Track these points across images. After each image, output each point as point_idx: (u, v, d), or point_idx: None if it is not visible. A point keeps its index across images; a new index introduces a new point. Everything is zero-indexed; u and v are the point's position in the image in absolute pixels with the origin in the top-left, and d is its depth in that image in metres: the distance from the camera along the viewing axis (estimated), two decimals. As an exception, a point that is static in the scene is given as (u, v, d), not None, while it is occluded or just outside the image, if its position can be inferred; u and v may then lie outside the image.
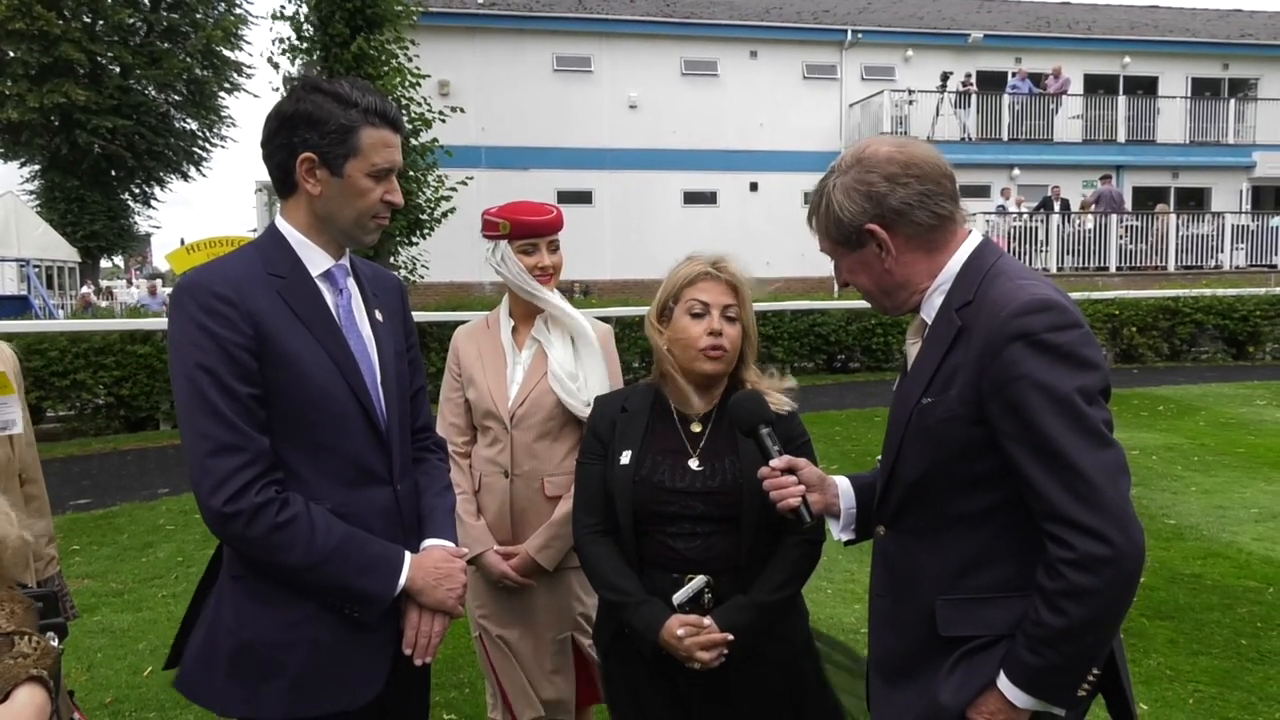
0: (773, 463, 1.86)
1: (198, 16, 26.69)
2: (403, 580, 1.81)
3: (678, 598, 2.04)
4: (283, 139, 1.77)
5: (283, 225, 1.84)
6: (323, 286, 1.83)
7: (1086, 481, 1.44)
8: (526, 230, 2.59)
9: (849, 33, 22.90)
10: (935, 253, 1.68)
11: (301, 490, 1.74)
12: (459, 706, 3.79)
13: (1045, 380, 1.47)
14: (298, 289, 1.78)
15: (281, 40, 12.78)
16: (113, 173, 26.30)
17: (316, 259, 1.83)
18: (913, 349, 1.75)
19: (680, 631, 1.99)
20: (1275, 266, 20.82)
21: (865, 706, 1.90)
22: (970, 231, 1.72)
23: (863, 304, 12.80)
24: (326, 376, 1.76)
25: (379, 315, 1.92)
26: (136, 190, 27.96)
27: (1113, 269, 20.01)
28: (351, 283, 1.90)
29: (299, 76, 2.29)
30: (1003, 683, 1.55)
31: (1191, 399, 10.75)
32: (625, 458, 2.13)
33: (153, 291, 23.09)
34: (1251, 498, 6.57)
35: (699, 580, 2.05)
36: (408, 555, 1.84)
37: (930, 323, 1.69)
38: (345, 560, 1.73)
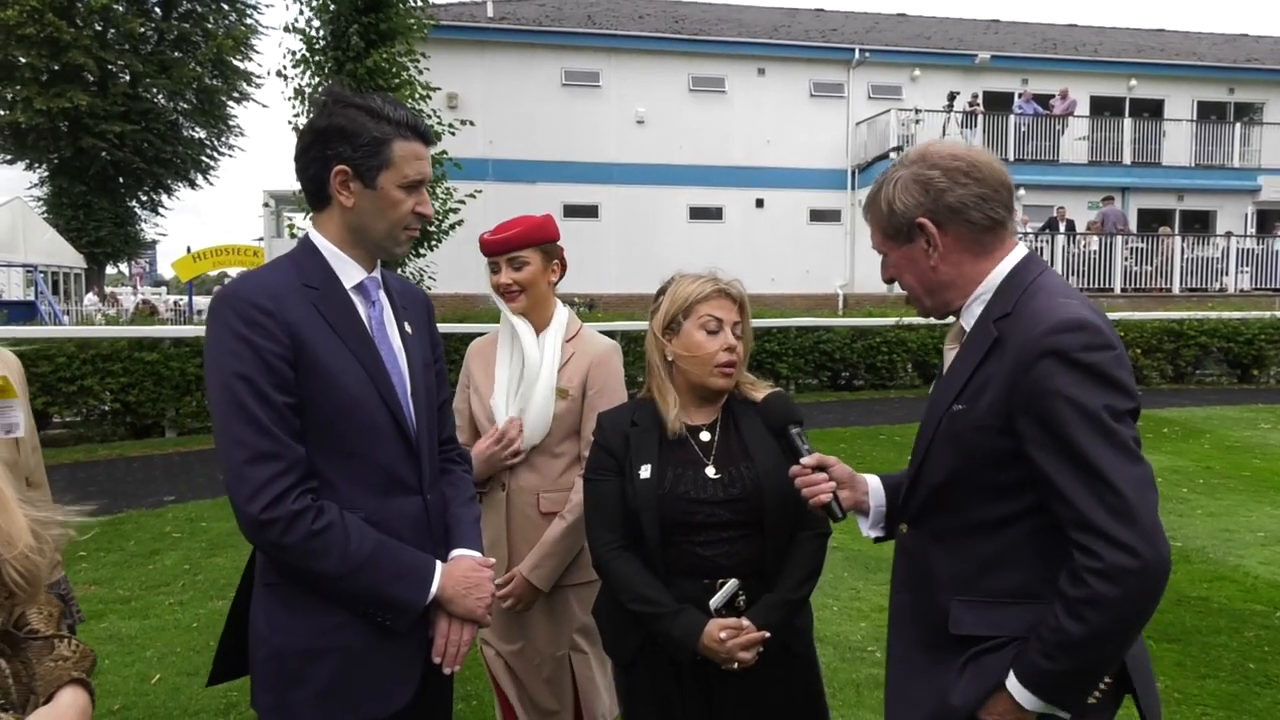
0: (803, 460, 1.89)
1: (209, 26, 26.88)
2: (434, 589, 1.83)
3: (714, 602, 2.07)
4: (316, 152, 1.80)
5: (316, 238, 1.87)
6: (355, 298, 1.86)
7: (1118, 494, 1.46)
8: (484, 249, 2.63)
9: (857, 52, 22.98)
10: (981, 258, 1.70)
11: (334, 499, 1.76)
12: (466, 718, 3.79)
13: (1075, 395, 1.49)
14: (332, 300, 1.81)
15: (292, 53, 12.85)
16: (120, 179, 26.42)
17: (350, 271, 1.86)
18: (950, 354, 1.78)
19: (723, 635, 2.03)
20: (1280, 290, 20.85)
21: None
22: (1017, 244, 1.73)
23: (868, 321, 12.86)
24: (359, 387, 1.79)
25: (408, 328, 1.95)
26: (144, 197, 28.09)
27: (1117, 290, 20.01)
28: (383, 295, 1.93)
29: (330, 91, 2.30)
30: (1012, 684, 1.57)
31: (1196, 422, 10.75)
32: (645, 471, 2.15)
33: None
34: (1258, 521, 6.57)
35: (732, 584, 2.09)
36: (438, 564, 1.86)
37: (969, 330, 1.71)
38: (378, 568, 1.75)
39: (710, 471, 2.15)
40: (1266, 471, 8.17)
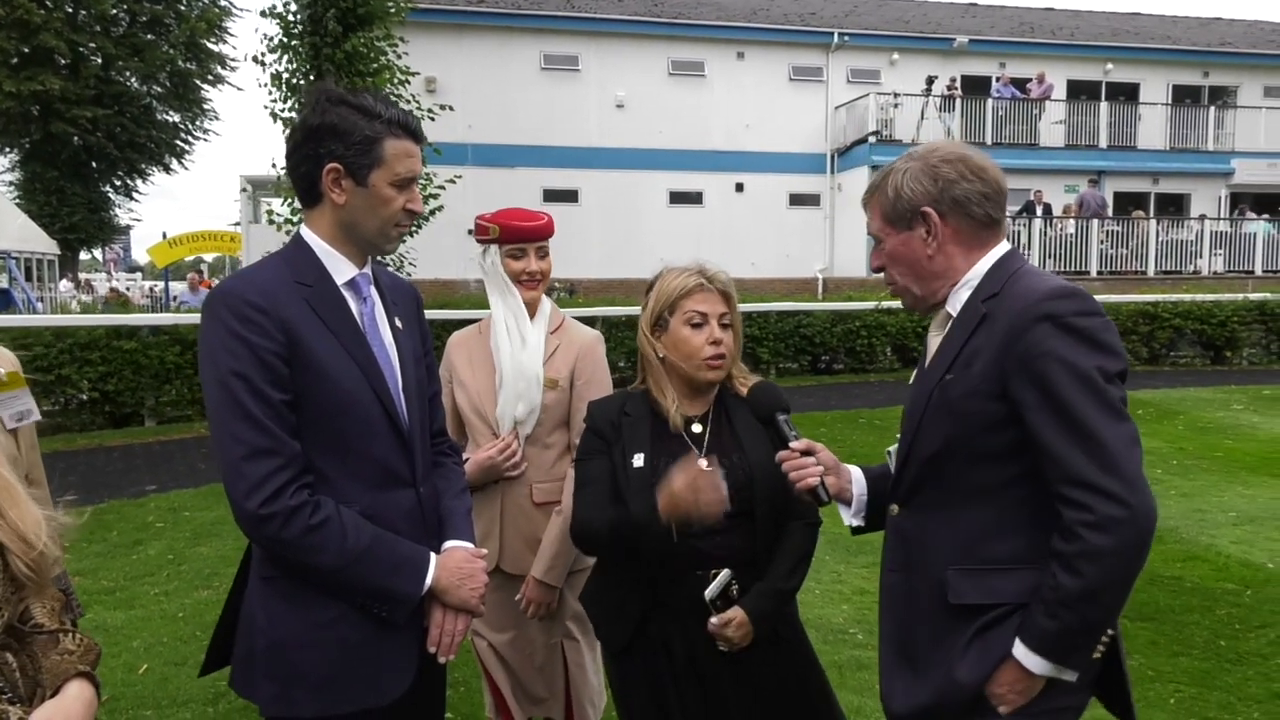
0: (793, 445, 1.96)
1: (181, 8, 26.47)
2: (429, 580, 1.86)
3: (709, 593, 2.11)
4: (308, 150, 1.81)
5: (308, 235, 1.88)
6: (347, 295, 1.88)
7: (1105, 449, 1.53)
8: (515, 235, 2.64)
9: (836, 35, 22.99)
10: (973, 250, 1.79)
11: (330, 493, 1.79)
12: (455, 705, 3.82)
13: (1068, 356, 1.57)
14: (324, 297, 1.83)
15: (269, 38, 12.72)
16: (93, 164, 26.06)
17: (341, 268, 1.88)
18: (934, 340, 1.85)
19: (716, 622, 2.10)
20: (1253, 272, 21.10)
21: None
22: (1002, 240, 1.83)
23: (848, 305, 12.89)
24: (353, 382, 1.81)
25: (398, 322, 1.97)
26: (118, 182, 27.72)
27: (1093, 273, 20.20)
28: (374, 291, 1.95)
29: (322, 89, 2.32)
30: (1019, 650, 1.62)
31: (1170, 403, 10.90)
32: (638, 460, 2.18)
33: (194, 287, 22.36)
34: (1230, 501, 6.69)
35: (725, 574, 2.13)
36: (433, 556, 1.90)
37: (955, 315, 1.79)
38: (375, 561, 1.78)
39: (703, 463, 2.17)
40: (1238, 452, 8.31)
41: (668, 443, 2.21)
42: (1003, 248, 1.80)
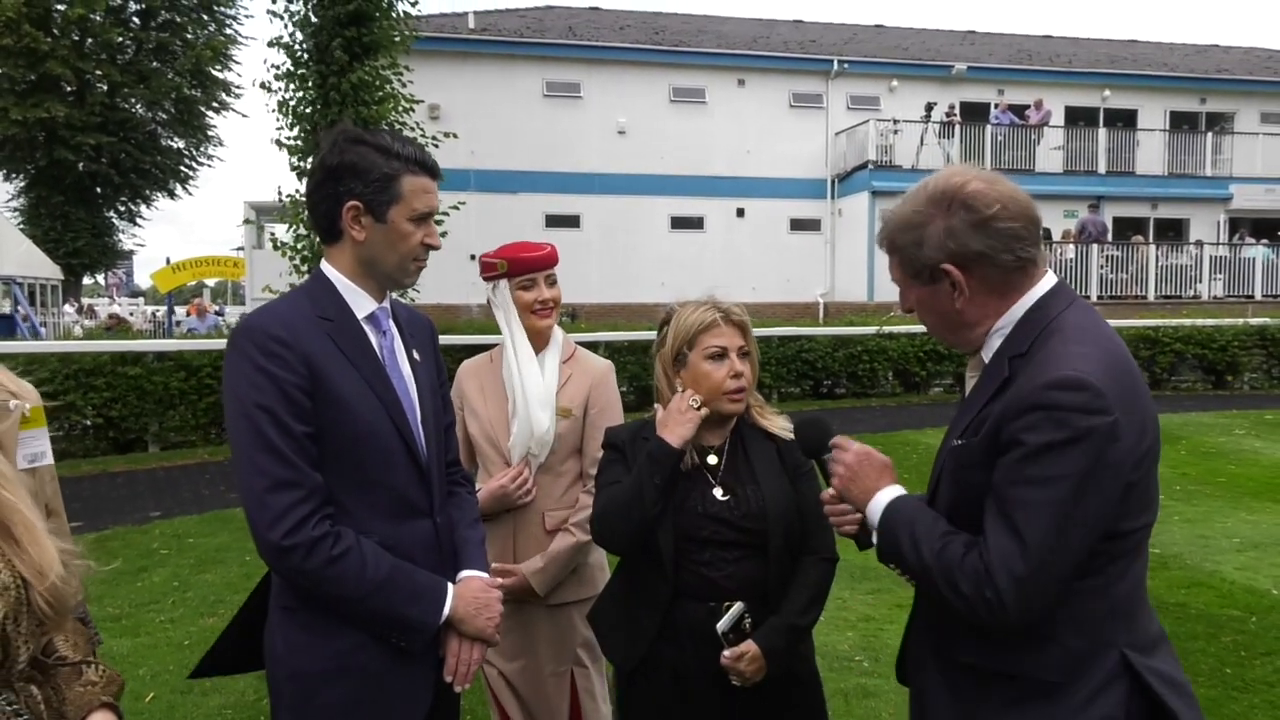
0: (827, 492, 1.90)
1: (188, 36, 26.75)
2: (447, 610, 1.88)
3: (721, 626, 2.12)
4: (329, 189, 1.86)
5: (329, 270, 1.93)
6: (367, 328, 1.93)
7: (1027, 560, 1.47)
8: (523, 267, 2.69)
9: (835, 63, 23.19)
10: (1007, 295, 1.64)
11: (349, 524, 1.82)
12: (461, 732, 3.83)
13: (1045, 454, 1.47)
14: (345, 331, 1.88)
15: (275, 66, 12.86)
16: (98, 190, 26.23)
17: (361, 302, 1.92)
18: (971, 380, 1.78)
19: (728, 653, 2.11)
20: (1252, 297, 21.16)
21: None
22: (1046, 273, 1.67)
23: (849, 330, 12.87)
24: (374, 415, 1.85)
25: (416, 355, 2.01)
26: (122, 207, 27.89)
27: (1094, 298, 20.26)
28: (392, 324, 1.99)
29: (341, 129, 2.40)
30: (883, 502, 1.70)
31: (1173, 428, 10.89)
32: None
33: (201, 313, 22.03)
34: (1233, 527, 6.69)
35: (738, 607, 2.14)
36: (450, 585, 1.92)
37: (986, 364, 1.68)
38: (394, 591, 1.81)
39: (718, 493, 2.21)
40: (1241, 478, 8.31)
41: (685, 471, 2.22)
42: (1043, 286, 1.64)
